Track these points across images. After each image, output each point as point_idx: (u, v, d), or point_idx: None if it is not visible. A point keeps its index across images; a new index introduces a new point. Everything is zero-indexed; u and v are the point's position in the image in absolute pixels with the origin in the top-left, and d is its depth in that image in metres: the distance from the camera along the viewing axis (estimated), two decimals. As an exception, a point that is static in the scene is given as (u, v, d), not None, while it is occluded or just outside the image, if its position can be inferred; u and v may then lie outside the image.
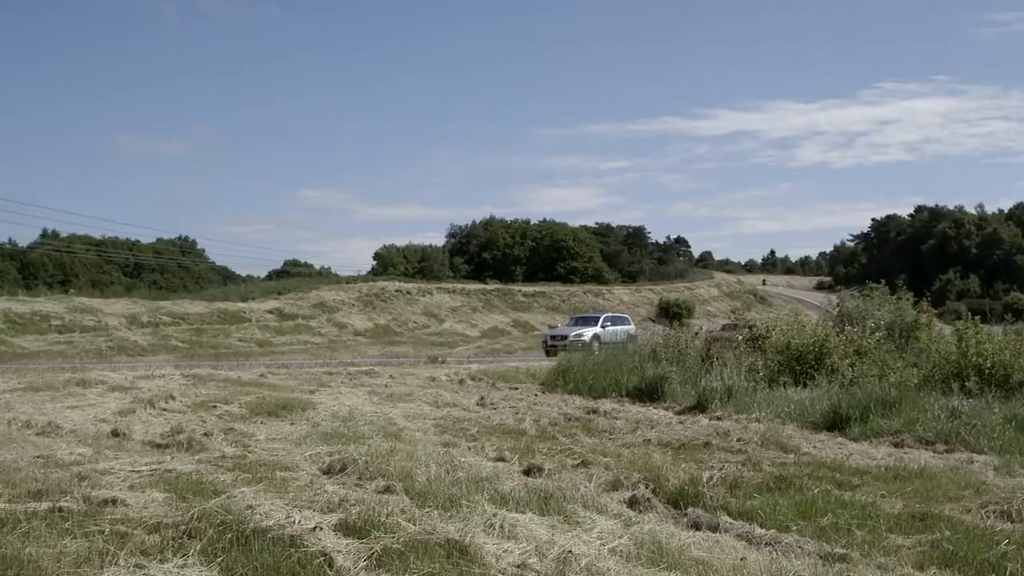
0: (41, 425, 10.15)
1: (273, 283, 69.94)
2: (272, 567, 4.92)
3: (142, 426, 10.47)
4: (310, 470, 8.12)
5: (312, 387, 15.12)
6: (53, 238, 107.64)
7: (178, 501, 6.27)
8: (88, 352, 33.32)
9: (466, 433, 11.31)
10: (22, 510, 5.77)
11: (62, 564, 4.76)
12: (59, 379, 14.61)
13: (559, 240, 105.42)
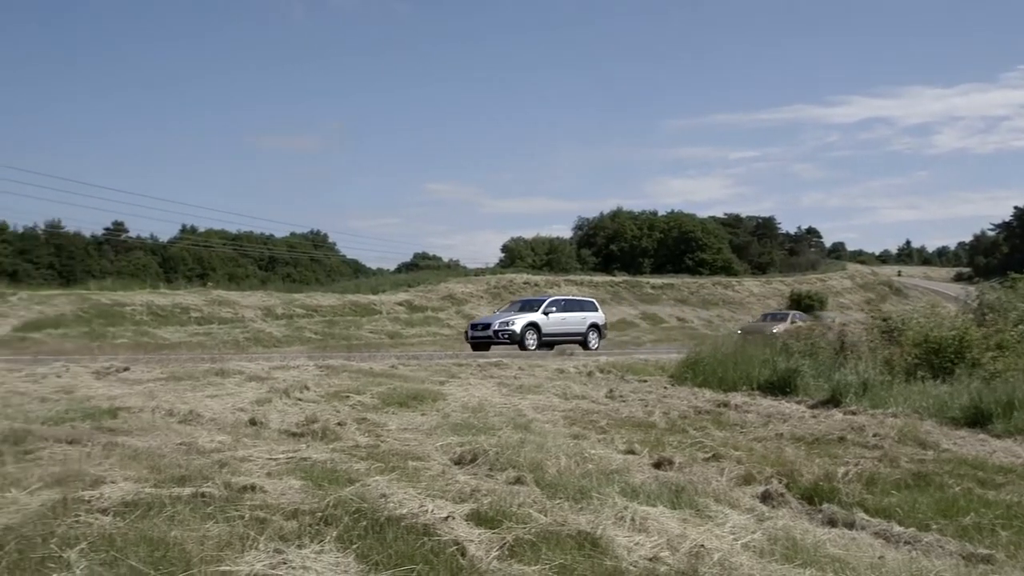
0: (183, 413, 10.45)
1: (403, 276, 70.75)
2: (406, 555, 4.98)
3: (278, 415, 10.70)
4: (441, 460, 8.20)
5: (442, 378, 15.25)
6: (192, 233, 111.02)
7: (314, 489, 6.39)
8: (226, 343, 34.29)
9: (595, 425, 11.29)
10: (167, 495, 5.95)
11: (205, 547, 4.90)
12: (199, 369, 15.03)
13: (687, 232, 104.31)
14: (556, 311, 32.05)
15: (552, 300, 33.48)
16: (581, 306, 34.19)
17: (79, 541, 4.84)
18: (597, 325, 33.33)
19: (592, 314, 33.58)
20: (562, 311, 32.37)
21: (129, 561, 4.54)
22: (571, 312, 32.82)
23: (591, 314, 33.52)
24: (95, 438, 8.53)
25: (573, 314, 32.73)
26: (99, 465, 7.18)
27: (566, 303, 33.74)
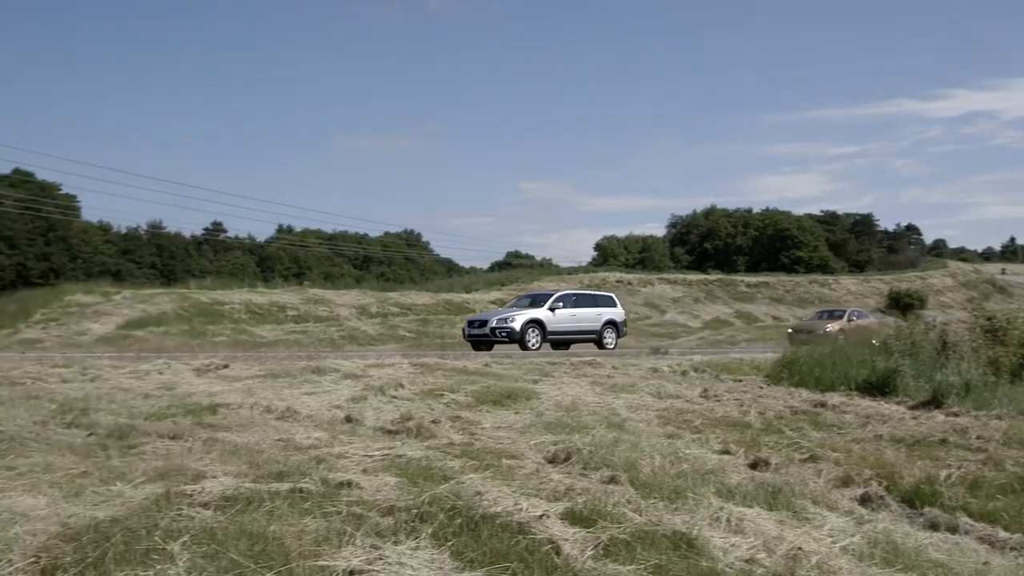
0: (280, 410, 10.62)
1: (496, 274, 71.05)
2: (501, 553, 4.99)
3: (373, 412, 10.81)
4: (535, 459, 8.21)
5: (535, 377, 15.27)
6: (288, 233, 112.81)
7: (409, 485, 6.44)
8: (321, 341, 34.80)
9: (690, 425, 11.20)
10: (266, 490, 6.05)
11: (303, 542, 4.97)
12: (296, 367, 15.27)
13: (783, 229, 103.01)
14: (564, 307, 29.65)
15: (561, 295, 31.17)
16: (596, 301, 31.86)
17: (182, 534, 4.94)
18: (615, 322, 30.93)
19: (609, 310, 31.17)
20: (572, 307, 30.03)
21: (230, 554, 4.62)
22: (583, 308, 30.41)
23: (607, 310, 31.11)
24: (196, 434, 8.72)
25: (585, 310, 30.37)
26: (200, 460, 7.34)
27: (578, 298, 31.52)
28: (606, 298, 32.56)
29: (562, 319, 29.09)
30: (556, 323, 28.87)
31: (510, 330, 27.68)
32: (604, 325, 30.32)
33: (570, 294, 31.84)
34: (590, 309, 30.45)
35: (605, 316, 30.52)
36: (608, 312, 30.87)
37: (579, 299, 31.19)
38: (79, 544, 4.75)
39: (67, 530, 5.03)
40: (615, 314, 31.13)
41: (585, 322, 29.89)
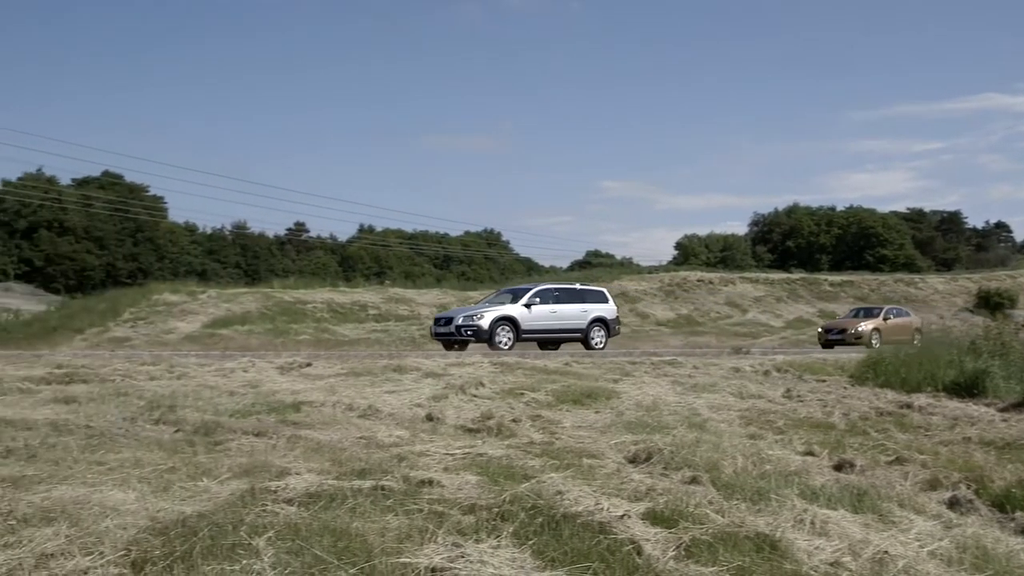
0: (362, 408, 10.72)
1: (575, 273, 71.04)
2: (582, 552, 4.98)
3: (454, 411, 10.86)
4: (615, 458, 8.18)
5: (615, 376, 15.22)
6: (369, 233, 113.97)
7: (490, 484, 6.46)
8: (402, 340, 35.07)
9: (772, 425, 11.07)
10: (348, 487, 6.11)
11: (386, 539, 5.01)
12: (377, 365, 15.40)
13: (867, 227, 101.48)
14: (542, 302, 27.26)
15: (540, 289, 28.45)
16: (582, 296, 28.97)
17: (266, 530, 5.01)
18: (604, 320, 28.45)
19: (597, 306, 28.65)
20: (552, 303, 27.59)
21: (313, 550, 4.68)
22: (566, 304, 27.96)
23: (596, 306, 28.63)
24: (280, 431, 8.84)
25: (569, 306, 27.90)
26: (284, 457, 7.44)
27: (560, 293, 28.56)
28: (595, 293, 29.76)
29: (539, 316, 26.94)
30: (532, 320, 26.69)
31: (476, 328, 25.79)
32: (592, 323, 28.05)
33: (551, 288, 28.91)
34: (574, 305, 28.16)
35: (593, 313, 28.25)
36: (597, 309, 28.58)
37: (562, 294, 28.55)
38: (167, 538, 4.84)
39: (156, 524, 5.13)
40: (605, 311, 28.82)
41: (568, 319, 27.69)
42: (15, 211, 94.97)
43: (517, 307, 26.78)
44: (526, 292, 27.85)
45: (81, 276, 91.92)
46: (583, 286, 30.14)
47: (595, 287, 30.78)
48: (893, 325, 35.23)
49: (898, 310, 39.03)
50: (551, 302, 27.56)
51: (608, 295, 29.98)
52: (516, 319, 26.32)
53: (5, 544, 4.70)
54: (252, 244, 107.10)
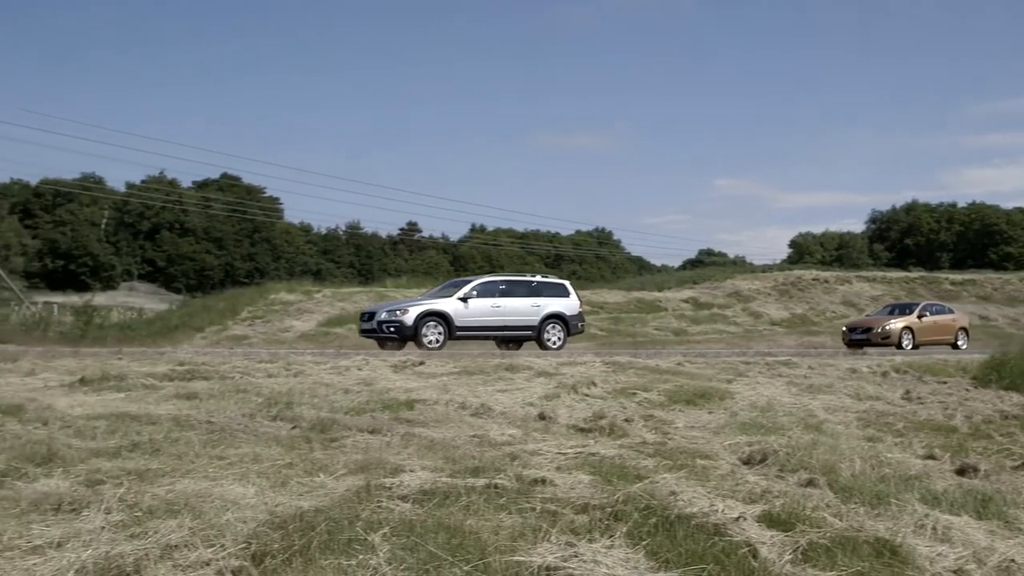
0: (475, 407, 10.78)
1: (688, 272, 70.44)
2: (696, 554, 4.93)
3: (566, 410, 10.85)
4: (729, 459, 8.08)
5: (729, 376, 15.04)
6: (481, 232, 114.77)
7: (603, 484, 6.44)
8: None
9: (891, 428, 10.81)
10: (462, 484, 6.16)
11: (499, 537, 5.03)
12: (489, 364, 15.47)
13: (991, 224, 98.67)
14: (481, 296, 24.55)
15: (484, 281, 25.71)
16: (535, 290, 25.79)
17: (382, 525, 5.07)
18: (562, 316, 25.46)
19: (553, 301, 25.63)
20: (498, 296, 24.87)
21: (428, 547, 4.72)
22: (512, 297, 25.03)
23: (552, 300, 25.61)
24: (394, 428, 8.93)
25: (517, 301, 25.01)
26: (398, 454, 7.52)
27: (508, 286, 25.71)
28: (553, 287, 26.63)
29: (478, 312, 24.29)
30: (468, 316, 24.11)
31: (399, 324, 23.33)
32: (545, 320, 25.14)
33: (497, 281, 26.26)
34: (523, 300, 25.20)
35: (547, 308, 25.25)
36: (553, 303, 25.55)
37: (511, 287, 25.70)
38: (286, 532, 4.93)
39: (274, 518, 5.23)
40: (564, 306, 25.76)
41: (515, 316, 24.83)
42: (139, 213, 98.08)
43: (451, 301, 24.27)
44: (465, 284, 25.34)
45: (201, 276, 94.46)
46: (543, 278, 27.25)
47: (555, 280, 27.73)
48: (930, 324, 32.24)
49: (938, 307, 35.40)
50: (496, 295, 24.90)
51: (571, 289, 26.78)
52: (448, 315, 23.83)
53: (132, 535, 4.84)
54: (365, 244, 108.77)
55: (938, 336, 31.91)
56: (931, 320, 32.40)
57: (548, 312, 25.17)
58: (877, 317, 34.14)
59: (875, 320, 33.11)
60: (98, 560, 4.44)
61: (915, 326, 31.69)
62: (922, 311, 32.86)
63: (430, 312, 23.66)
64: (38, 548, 4.69)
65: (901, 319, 32.07)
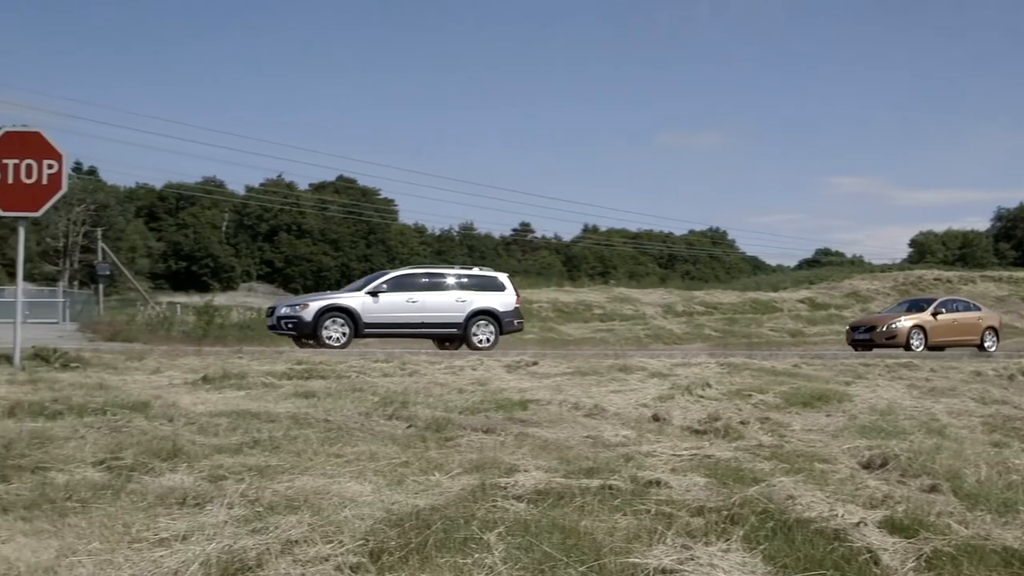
0: (588, 407, 10.76)
1: (804, 272, 69.43)
2: (815, 560, 4.84)
3: (680, 412, 10.75)
4: (849, 463, 7.91)
5: (847, 378, 14.74)
6: (594, 232, 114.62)
7: (718, 487, 6.37)
8: (627, 339, 35.09)
9: (1019, 433, 10.45)
10: (576, 485, 6.16)
11: (614, 538, 5.01)
12: (602, 364, 15.44)
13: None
14: (393, 290, 22.84)
15: (398, 274, 23.85)
16: (463, 283, 23.92)
17: (497, 525, 5.09)
18: (493, 313, 23.69)
19: (484, 296, 23.78)
20: (415, 289, 23.16)
21: (543, 547, 4.72)
22: (434, 292, 23.38)
23: (483, 295, 23.77)
24: (508, 428, 8.97)
25: (438, 295, 23.30)
26: (512, 454, 7.55)
27: (430, 279, 23.90)
28: (485, 280, 24.57)
29: (390, 307, 22.61)
30: (378, 312, 22.45)
31: (297, 320, 21.88)
32: (473, 316, 23.41)
33: (418, 274, 24.40)
34: (447, 294, 23.46)
35: (476, 304, 23.46)
36: (483, 299, 23.72)
37: (433, 280, 23.86)
38: (402, 530, 4.98)
39: (391, 516, 5.29)
40: (497, 302, 23.90)
41: (436, 311, 23.09)
42: (257, 215, 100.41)
43: (359, 296, 22.72)
44: (376, 279, 23.78)
45: (318, 276, 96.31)
46: (477, 271, 25.52)
47: (489, 273, 25.54)
48: (948, 322, 29.72)
49: (962, 303, 32.54)
50: (414, 289, 23.18)
51: (507, 283, 24.75)
52: (354, 310, 22.23)
53: (253, 529, 4.96)
54: (479, 244, 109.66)
55: (958, 336, 29.67)
56: (949, 318, 30.06)
57: (476, 308, 23.47)
58: (884, 315, 32.19)
59: (881, 318, 31.20)
60: (221, 553, 4.56)
61: (928, 325, 29.44)
62: (938, 308, 30.45)
63: (333, 307, 22.20)
64: (164, 540, 4.84)
65: (912, 317, 29.90)
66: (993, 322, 31.16)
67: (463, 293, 23.53)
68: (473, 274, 24.91)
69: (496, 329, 23.64)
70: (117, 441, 7.55)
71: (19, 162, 13.41)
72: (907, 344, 28.29)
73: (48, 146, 13.57)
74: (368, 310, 22.30)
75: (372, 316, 22.33)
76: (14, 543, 4.74)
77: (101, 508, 5.52)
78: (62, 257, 79.77)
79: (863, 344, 29.34)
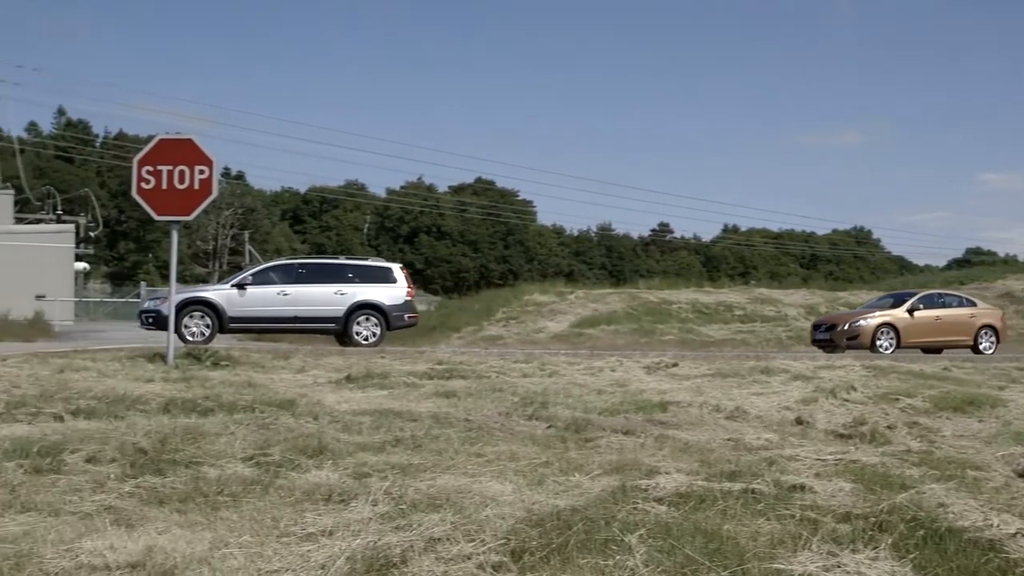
0: (729, 410, 10.64)
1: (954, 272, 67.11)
2: (969, 570, 4.68)
3: (824, 415, 10.54)
4: (1003, 471, 7.62)
5: (1001, 383, 14.21)
6: (734, 232, 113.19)
7: (865, 492, 6.21)
8: (768, 341, 34.47)
9: None
10: (718, 489, 6.08)
11: (757, 543, 4.93)
12: (744, 366, 15.22)
13: None
14: (260, 283, 21.36)
15: (272, 265, 22.78)
16: (344, 276, 21.90)
17: (637, 527, 5.07)
18: (378, 306, 21.70)
19: (368, 289, 21.78)
20: (290, 282, 21.56)
21: (685, 550, 4.68)
22: (311, 284, 21.63)
23: (366, 288, 21.76)
24: (647, 430, 8.93)
25: (314, 288, 21.52)
26: (652, 456, 7.51)
27: (309, 270, 22.36)
28: (373, 271, 22.70)
29: (259, 300, 21.13)
30: (244, 305, 20.98)
31: (156, 314, 20.36)
32: (355, 310, 21.50)
33: (294, 264, 23.10)
34: (325, 286, 21.66)
35: (357, 297, 21.47)
36: (366, 291, 21.76)
37: (311, 272, 22.37)
38: (543, 530, 4.99)
39: (532, 516, 5.31)
40: (384, 295, 21.96)
41: (310, 304, 21.40)
42: (398, 217, 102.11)
43: (223, 289, 21.36)
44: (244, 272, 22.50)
45: (457, 278, 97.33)
46: (369, 262, 23.62)
47: (378, 264, 23.63)
48: (928, 320, 26.20)
49: (952, 298, 28.69)
50: (288, 281, 21.61)
51: (399, 274, 22.70)
52: (217, 304, 20.80)
53: (397, 527, 5.04)
54: (617, 245, 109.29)
55: (944, 336, 26.30)
56: (929, 315, 26.44)
57: (358, 301, 21.50)
58: (854, 312, 29.06)
59: (843, 316, 28.25)
60: (366, 549, 4.64)
61: (901, 323, 26.00)
62: (916, 303, 26.74)
63: (194, 300, 20.82)
64: (311, 535, 4.95)
65: (881, 314, 26.53)
66: (990, 320, 27.53)
67: (344, 286, 21.60)
68: (358, 265, 23.09)
69: (382, 324, 21.74)
70: (265, 438, 7.77)
71: (172, 168, 13.95)
72: (872, 345, 25.26)
73: (200, 152, 14.06)
74: (233, 304, 20.96)
75: (237, 310, 20.98)
76: (170, 534, 4.91)
77: (251, 502, 5.69)
78: (211, 259, 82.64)
79: (824, 345, 26.59)
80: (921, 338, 25.99)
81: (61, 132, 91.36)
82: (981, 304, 28.87)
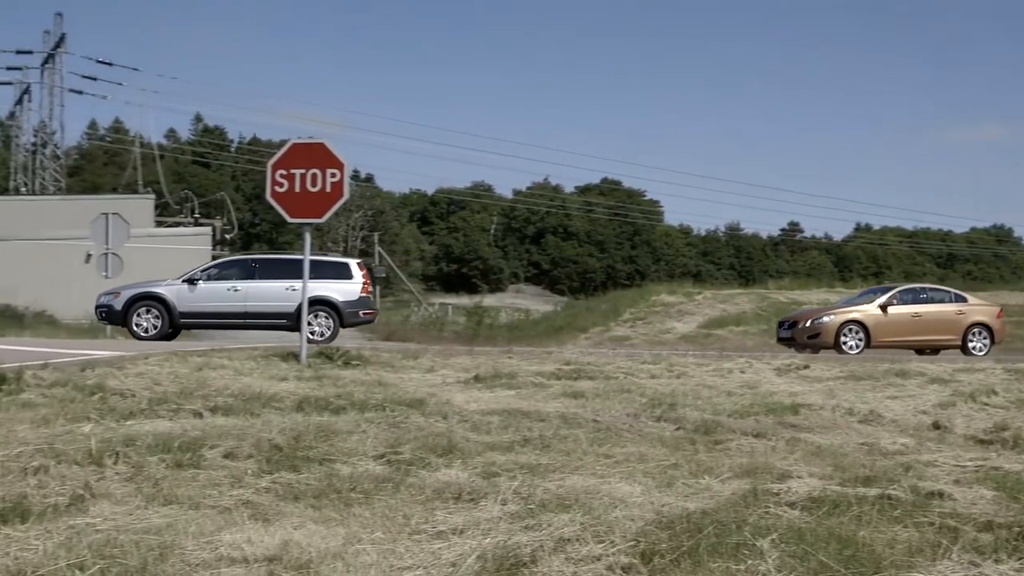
0: (863, 413, 10.39)
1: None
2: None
3: (963, 420, 10.23)
4: None
5: None
6: (866, 231, 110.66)
7: (1008, 501, 5.99)
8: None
9: None
10: (852, 494, 5.94)
11: (894, 551, 4.80)
12: (878, 369, 14.86)
13: None
14: (212, 279, 21.12)
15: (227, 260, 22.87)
16: (296, 270, 19.14)
17: (769, 531, 4.98)
18: (332, 303, 21.02)
19: (321, 284, 20.53)
20: (239, 278, 21.26)
21: (819, 556, 4.58)
22: (263, 280, 21.21)
23: (322, 284, 20.59)
24: (778, 432, 8.78)
25: (266, 283, 21.07)
26: (784, 459, 7.38)
27: (261, 266, 22.00)
28: (328, 267, 21.96)
29: (209, 295, 20.85)
30: (195, 301, 20.76)
31: (109, 308, 20.66)
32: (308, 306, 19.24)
33: (247, 259, 23.14)
34: (278, 282, 21.08)
35: (314, 292, 19.63)
36: (321, 287, 20.64)
37: (264, 267, 21.97)
38: (673, 532, 4.95)
39: (661, 518, 5.27)
40: (337, 290, 21.25)
41: (261, 300, 20.96)
42: (524, 218, 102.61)
43: (174, 284, 21.04)
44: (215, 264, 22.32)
45: (583, 278, 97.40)
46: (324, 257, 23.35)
47: (335, 259, 23.55)
48: (903, 317, 23.83)
49: (936, 292, 26.23)
50: (240, 277, 21.40)
51: (355, 269, 22.05)
52: (167, 299, 20.62)
53: (527, 526, 5.06)
54: (745, 245, 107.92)
55: (922, 336, 24.04)
56: (904, 312, 24.07)
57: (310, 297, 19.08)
58: (822, 308, 26.93)
59: (809, 313, 25.98)
60: (496, 548, 4.67)
61: (871, 320, 23.69)
62: (892, 299, 24.45)
63: (144, 296, 20.75)
64: (442, 533, 5.00)
65: (848, 310, 24.49)
66: (982, 318, 24.98)
67: (297, 281, 19.21)
68: (318, 260, 21.69)
69: (335, 321, 21.17)
70: (396, 436, 7.88)
71: (305, 171, 14.22)
72: (836, 344, 23.34)
73: (331, 156, 14.31)
74: (183, 299, 20.83)
75: (188, 306, 20.85)
76: (305, 529, 5.02)
77: (382, 500, 5.77)
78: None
79: (788, 343, 24.59)
80: (895, 337, 23.79)
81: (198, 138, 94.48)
82: (974, 300, 26.43)
